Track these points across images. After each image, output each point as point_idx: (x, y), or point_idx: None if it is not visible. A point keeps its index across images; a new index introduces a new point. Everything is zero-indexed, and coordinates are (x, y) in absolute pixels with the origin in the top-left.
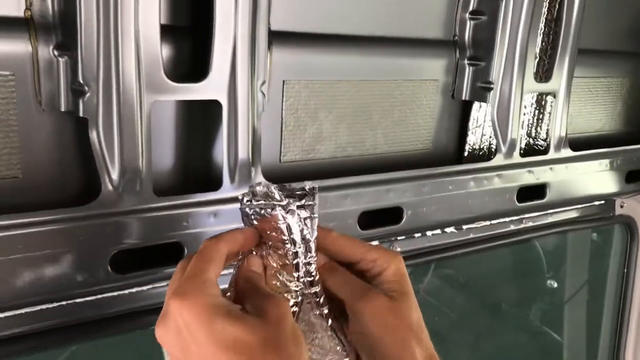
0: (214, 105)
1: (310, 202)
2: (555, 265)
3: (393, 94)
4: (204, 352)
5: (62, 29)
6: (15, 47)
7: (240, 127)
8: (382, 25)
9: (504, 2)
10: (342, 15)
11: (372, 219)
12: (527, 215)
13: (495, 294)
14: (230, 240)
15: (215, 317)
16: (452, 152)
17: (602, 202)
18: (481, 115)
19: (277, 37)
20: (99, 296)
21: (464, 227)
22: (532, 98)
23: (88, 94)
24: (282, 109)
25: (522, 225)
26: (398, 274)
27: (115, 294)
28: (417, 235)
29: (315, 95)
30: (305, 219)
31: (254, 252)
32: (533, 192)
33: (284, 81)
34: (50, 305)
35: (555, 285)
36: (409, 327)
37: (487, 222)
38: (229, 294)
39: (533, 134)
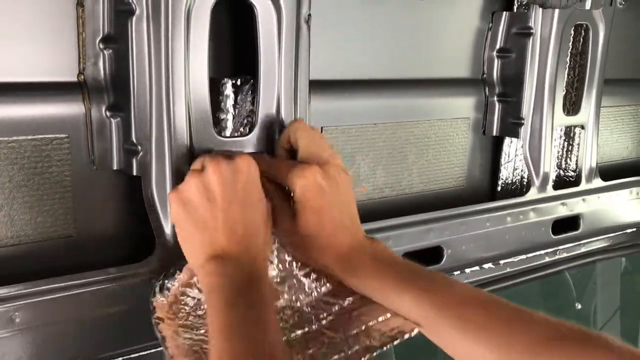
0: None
1: None
2: (586, 294)
3: (427, 134)
4: (255, 193)
5: (114, 91)
6: (70, 109)
7: None
8: (413, 68)
9: (530, 39)
10: (374, 61)
11: (414, 260)
12: (561, 247)
13: None
14: None
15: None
16: (486, 187)
17: (634, 229)
18: (512, 150)
19: (315, 86)
20: (159, 349)
21: (501, 262)
22: (561, 130)
23: (141, 153)
24: None
25: (556, 257)
26: (301, 192)
27: None
28: (456, 273)
29: (352, 139)
30: None
31: None
32: (567, 224)
33: (322, 128)
34: None
35: (588, 314)
36: (309, 237)
37: (524, 256)
38: None
39: (563, 166)
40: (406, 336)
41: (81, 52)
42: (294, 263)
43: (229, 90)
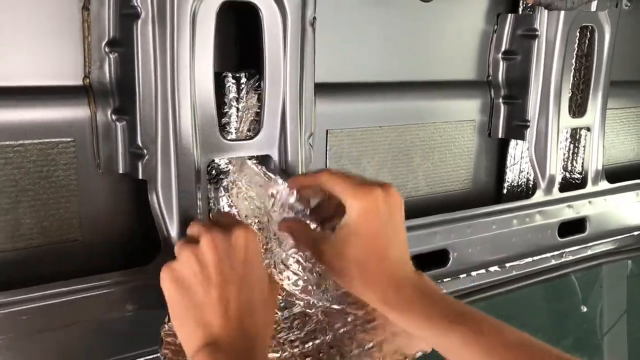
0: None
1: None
2: (592, 297)
3: (432, 137)
4: (253, 271)
5: (119, 95)
6: (75, 113)
7: None
8: (418, 70)
9: (536, 41)
10: (379, 64)
11: (420, 263)
12: (567, 250)
13: (534, 327)
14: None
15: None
16: (492, 190)
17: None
18: (518, 153)
19: (320, 89)
20: None
21: (507, 264)
22: (567, 132)
23: (147, 157)
24: (326, 157)
25: (562, 260)
26: (357, 215)
27: None
28: (462, 276)
29: (358, 142)
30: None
31: None
32: (573, 227)
33: (327, 131)
34: None
35: (593, 316)
36: (353, 265)
37: (530, 259)
38: None
39: (569, 168)
40: (419, 354)
41: (86, 55)
42: (310, 267)
43: (231, 83)
